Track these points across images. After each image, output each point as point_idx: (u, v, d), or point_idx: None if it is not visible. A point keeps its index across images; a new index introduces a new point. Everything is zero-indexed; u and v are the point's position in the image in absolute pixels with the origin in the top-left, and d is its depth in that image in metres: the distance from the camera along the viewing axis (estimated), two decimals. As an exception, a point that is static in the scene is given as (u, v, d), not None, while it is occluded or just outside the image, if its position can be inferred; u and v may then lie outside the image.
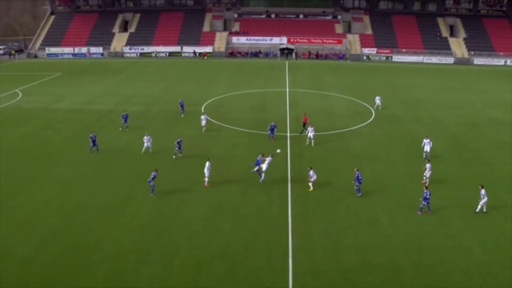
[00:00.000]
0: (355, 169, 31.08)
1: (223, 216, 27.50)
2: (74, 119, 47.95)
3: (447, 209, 28.80)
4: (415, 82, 73.69)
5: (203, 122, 43.65)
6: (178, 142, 36.33)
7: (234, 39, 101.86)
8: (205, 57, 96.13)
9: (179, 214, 27.63)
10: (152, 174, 29.44)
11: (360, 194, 30.41)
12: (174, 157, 36.33)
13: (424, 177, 32.70)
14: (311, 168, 31.26)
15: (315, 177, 30.87)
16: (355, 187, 30.67)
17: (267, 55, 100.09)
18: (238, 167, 35.10)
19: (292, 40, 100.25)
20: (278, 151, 34.76)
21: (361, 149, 39.79)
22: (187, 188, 31.13)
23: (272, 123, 41.57)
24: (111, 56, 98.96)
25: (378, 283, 21.50)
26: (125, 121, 43.95)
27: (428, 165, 32.71)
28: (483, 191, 28.11)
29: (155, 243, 24.39)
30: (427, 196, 27.59)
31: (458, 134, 45.35)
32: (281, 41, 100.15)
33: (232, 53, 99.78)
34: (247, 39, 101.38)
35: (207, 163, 31.22)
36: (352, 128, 46.17)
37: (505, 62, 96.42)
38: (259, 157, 32.51)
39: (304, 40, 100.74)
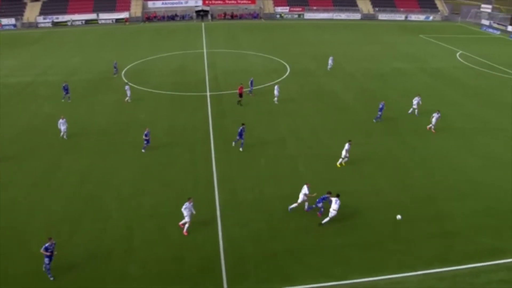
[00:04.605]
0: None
1: (150, 179, 27.25)
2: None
3: (359, 155, 30.14)
4: (326, 38, 75.25)
5: (128, 93, 40.88)
6: (146, 134, 30.95)
7: (150, 4, 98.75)
8: (127, 23, 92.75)
9: (107, 181, 27.05)
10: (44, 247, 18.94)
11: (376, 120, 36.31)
12: (143, 150, 31.47)
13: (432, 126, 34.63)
14: None
15: None
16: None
17: (183, 17, 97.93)
18: (161, 129, 34.68)
19: (207, 2, 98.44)
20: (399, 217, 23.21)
21: (278, 105, 40.38)
22: (114, 155, 30.45)
23: (251, 78, 43.65)
24: (25, 27, 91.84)
25: (301, 228, 22.42)
26: (67, 92, 41.60)
27: (435, 114, 34.50)
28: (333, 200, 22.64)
29: (85, 211, 23.82)
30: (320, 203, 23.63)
31: (366, 84, 47.20)
32: (196, 3, 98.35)
33: (148, 18, 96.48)
34: (162, 3, 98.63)
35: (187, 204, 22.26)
36: (268, 84, 46.58)
37: (406, 17, 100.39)
38: (241, 128, 30.63)
39: (219, 1, 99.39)
